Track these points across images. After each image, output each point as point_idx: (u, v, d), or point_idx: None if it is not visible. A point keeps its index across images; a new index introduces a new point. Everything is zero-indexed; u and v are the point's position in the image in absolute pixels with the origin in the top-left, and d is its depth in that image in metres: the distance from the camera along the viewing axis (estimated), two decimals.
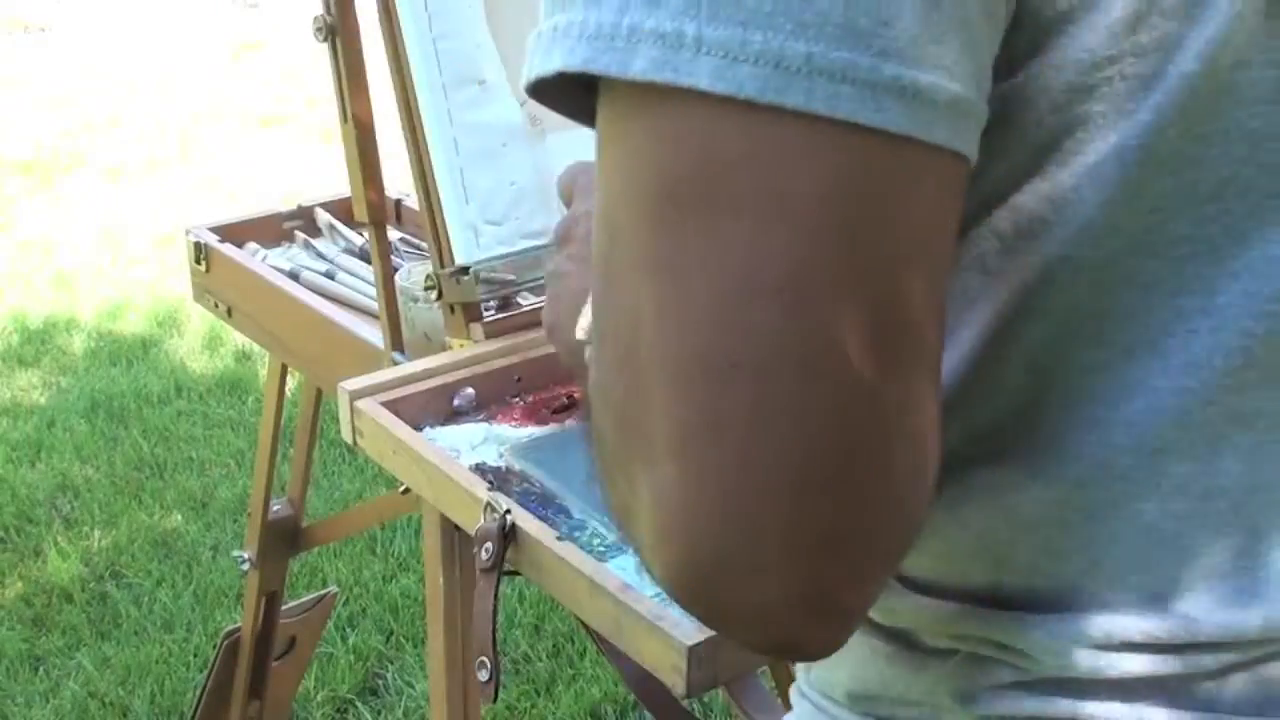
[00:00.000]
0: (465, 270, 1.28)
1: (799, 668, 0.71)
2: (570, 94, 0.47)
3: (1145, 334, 0.52)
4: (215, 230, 1.72)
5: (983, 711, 0.57)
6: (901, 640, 0.60)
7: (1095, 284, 0.51)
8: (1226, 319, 0.52)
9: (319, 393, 1.78)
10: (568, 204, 0.83)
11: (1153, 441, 0.53)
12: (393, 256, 1.43)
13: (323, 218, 1.78)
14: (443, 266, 1.29)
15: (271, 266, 1.64)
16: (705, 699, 2.31)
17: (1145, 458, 0.53)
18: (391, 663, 2.51)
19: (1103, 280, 0.51)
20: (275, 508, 1.87)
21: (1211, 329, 0.52)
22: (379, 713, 2.40)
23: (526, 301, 1.38)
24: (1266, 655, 0.55)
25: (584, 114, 0.48)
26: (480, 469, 1.13)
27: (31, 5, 7.39)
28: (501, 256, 1.29)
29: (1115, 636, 0.54)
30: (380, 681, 2.47)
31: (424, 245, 1.61)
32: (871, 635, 0.62)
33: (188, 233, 1.72)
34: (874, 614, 0.60)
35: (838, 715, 0.65)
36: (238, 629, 1.95)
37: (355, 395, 1.19)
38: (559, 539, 0.98)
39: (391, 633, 2.59)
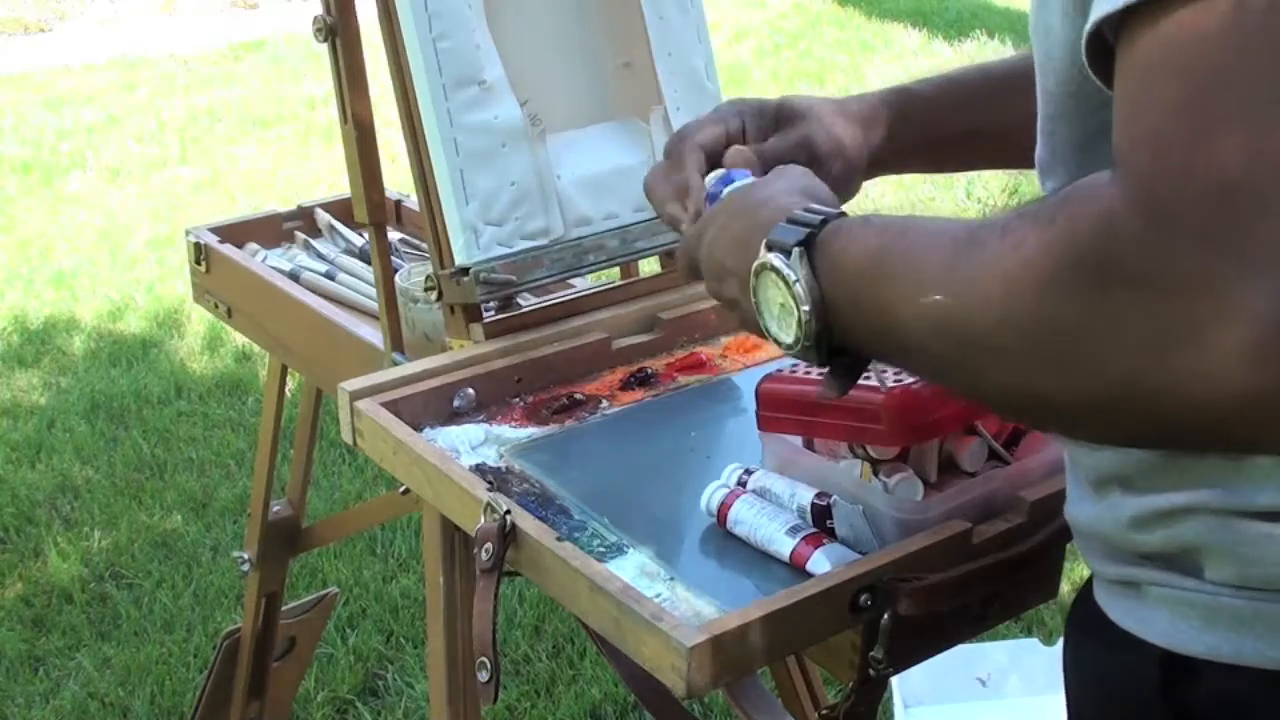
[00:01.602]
0: (465, 271, 1.28)
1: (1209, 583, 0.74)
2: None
3: None
4: (215, 231, 1.72)
5: None
6: None
7: None
8: None
9: (319, 393, 1.78)
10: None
11: None
12: (393, 257, 1.43)
13: (323, 218, 1.78)
14: (443, 267, 1.29)
15: (271, 267, 1.64)
16: (705, 699, 2.31)
17: None
18: (391, 663, 2.51)
19: None
20: (275, 508, 1.87)
21: None
22: (379, 713, 2.40)
23: (526, 302, 1.38)
24: None
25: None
26: (480, 469, 1.13)
27: (31, 5, 7.38)
28: (501, 257, 1.29)
29: None
30: (380, 682, 2.48)
31: (424, 245, 1.61)
32: None
33: (188, 233, 1.72)
34: None
35: (1270, 604, 0.71)
36: (238, 629, 1.95)
37: (355, 395, 1.19)
38: (559, 540, 0.98)
39: (391, 633, 2.59)
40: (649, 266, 1.51)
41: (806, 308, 0.77)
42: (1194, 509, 0.74)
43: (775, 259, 0.79)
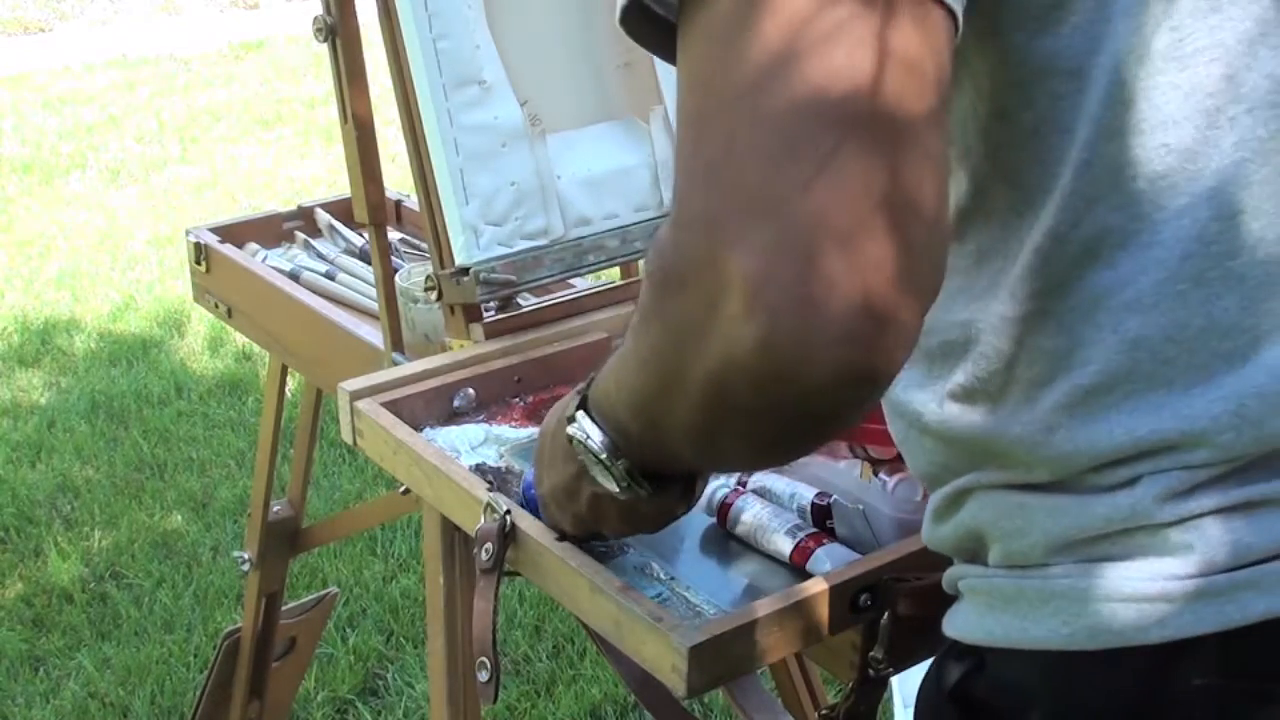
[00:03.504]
0: (465, 271, 1.28)
1: (963, 575, 0.77)
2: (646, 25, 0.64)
3: None
4: (215, 231, 1.72)
5: (1189, 512, 0.67)
6: (1081, 487, 0.70)
7: None
8: None
9: (319, 393, 1.78)
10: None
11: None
12: (393, 257, 1.43)
13: (323, 218, 1.78)
14: (443, 267, 1.29)
15: (271, 267, 1.64)
16: (705, 699, 2.31)
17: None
18: (391, 663, 2.51)
19: None
20: (275, 508, 1.87)
21: None
22: (379, 713, 2.40)
23: (526, 302, 1.38)
24: None
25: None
26: (480, 469, 1.13)
27: (31, 5, 7.39)
28: (501, 257, 1.29)
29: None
30: (380, 682, 2.47)
31: (424, 245, 1.61)
32: (1051, 492, 0.71)
33: (188, 233, 1.72)
34: (1053, 473, 0.70)
35: (1028, 580, 0.71)
36: (238, 629, 1.95)
37: (355, 396, 1.19)
38: (559, 540, 0.98)
39: (391, 633, 2.59)
40: None
41: (605, 455, 0.81)
42: (970, 490, 0.75)
43: (570, 429, 0.83)
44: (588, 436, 0.82)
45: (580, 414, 0.83)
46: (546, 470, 0.92)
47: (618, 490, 0.83)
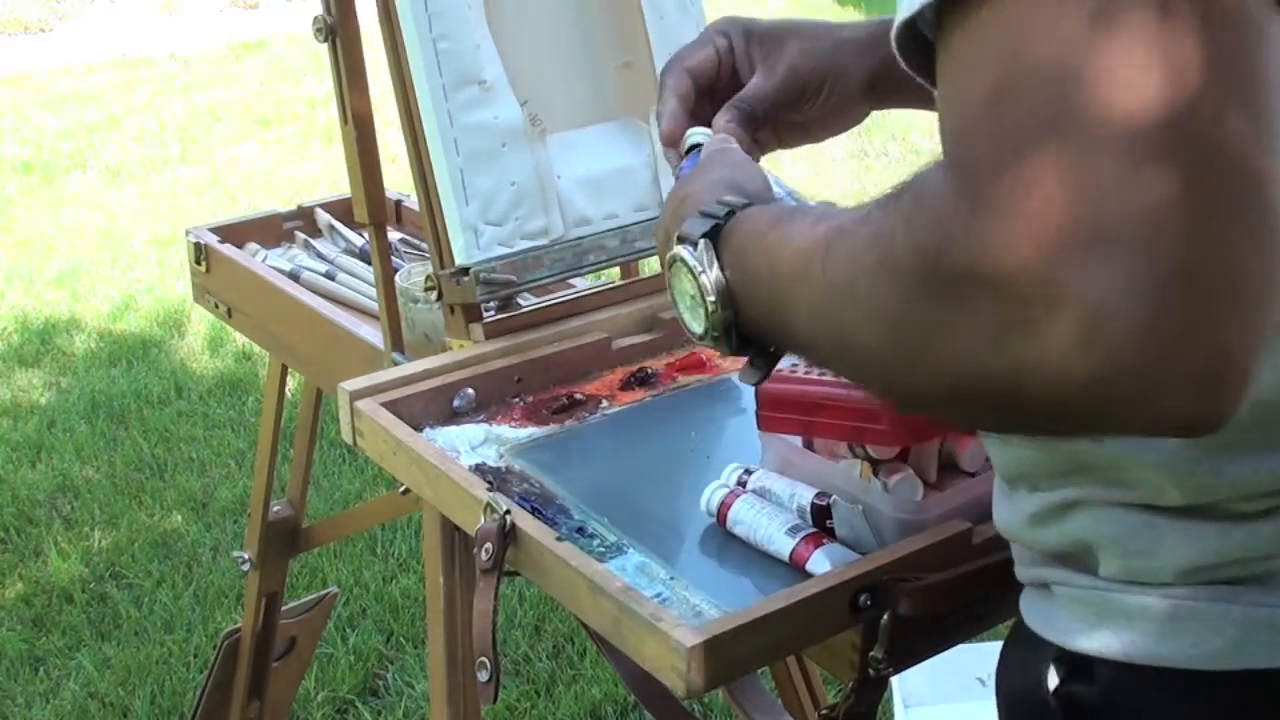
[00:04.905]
0: (465, 271, 1.28)
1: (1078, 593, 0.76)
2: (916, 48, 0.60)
3: None
4: (215, 231, 1.72)
5: None
6: (1218, 513, 0.70)
7: None
8: None
9: (319, 393, 1.78)
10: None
11: None
12: (393, 257, 1.43)
13: (323, 218, 1.78)
14: (443, 267, 1.29)
15: (271, 267, 1.64)
16: (705, 699, 2.31)
17: None
18: (391, 663, 2.51)
19: None
20: (275, 508, 1.87)
21: None
22: (379, 713, 2.40)
23: (526, 302, 1.38)
24: None
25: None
26: (480, 469, 1.13)
27: (31, 5, 7.39)
28: (501, 257, 1.29)
29: None
30: (380, 682, 2.48)
31: (424, 245, 1.61)
32: (1183, 516, 0.70)
33: (188, 233, 1.72)
34: (1188, 498, 0.70)
35: (1156, 598, 0.71)
36: (238, 629, 1.95)
37: (355, 396, 1.19)
38: (558, 539, 0.98)
39: (391, 633, 2.59)
40: (649, 266, 1.51)
41: (713, 298, 0.77)
42: (1082, 502, 0.74)
43: (683, 251, 0.79)
44: (702, 272, 0.77)
45: (704, 244, 0.77)
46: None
47: (699, 336, 0.79)
